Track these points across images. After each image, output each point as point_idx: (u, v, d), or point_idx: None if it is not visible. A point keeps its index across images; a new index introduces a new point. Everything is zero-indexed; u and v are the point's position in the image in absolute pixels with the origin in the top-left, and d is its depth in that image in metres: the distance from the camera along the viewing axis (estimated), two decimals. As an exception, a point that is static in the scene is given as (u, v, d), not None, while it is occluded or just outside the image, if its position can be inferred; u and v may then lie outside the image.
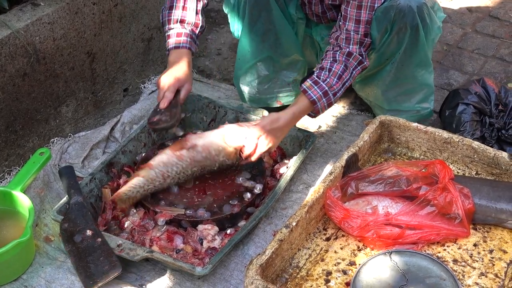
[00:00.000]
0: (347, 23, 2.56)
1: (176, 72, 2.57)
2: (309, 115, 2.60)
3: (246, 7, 2.73)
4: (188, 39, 2.64)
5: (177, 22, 2.66)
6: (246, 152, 2.47)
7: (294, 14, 2.79)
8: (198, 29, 2.70)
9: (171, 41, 2.64)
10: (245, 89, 2.98)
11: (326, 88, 2.53)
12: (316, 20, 2.86)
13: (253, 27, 2.78)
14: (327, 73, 2.54)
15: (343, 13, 2.57)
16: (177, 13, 2.66)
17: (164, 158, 2.46)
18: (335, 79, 2.53)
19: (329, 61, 2.56)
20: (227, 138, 2.46)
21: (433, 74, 2.83)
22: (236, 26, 2.88)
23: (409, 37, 2.60)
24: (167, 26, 2.67)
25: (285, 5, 2.75)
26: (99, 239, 2.29)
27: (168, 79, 2.54)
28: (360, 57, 2.58)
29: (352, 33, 2.56)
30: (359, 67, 2.59)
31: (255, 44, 2.83)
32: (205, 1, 2.74)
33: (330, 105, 2.58)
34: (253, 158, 2.48)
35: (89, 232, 2.31)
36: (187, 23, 2.67)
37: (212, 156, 2.49)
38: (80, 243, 2.30)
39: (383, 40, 2.61)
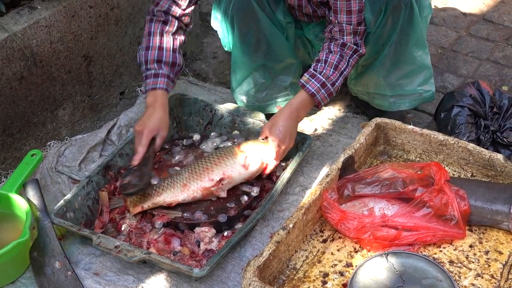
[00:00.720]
0: (338, 15, 2.58)
1: (149, 121, 2.57)
2: (315, 106, 2.65)
3: (234, 21, 2.74)
4: (165, 80, 2.65)
5: (153, 62, 2.67)
6: (269, 168, 2.57)
7: (282, 19, 2.80)
8: (176, 68, 2.71)
9: (149, 82, 2.65)
10: (244, 98, 2.98)
11: (323, 79, 2.56)
12: (307, 20, 2.87)
13: (244, 39, 2.79)
14: (323, 64, 2.58)
15: (332, 7, 2.59)
16: (153, 54, 2.67)
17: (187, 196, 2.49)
18: (332, 70, 2.57)
19: (325, 53, 2.60)
20: (249, 167, 2.52)
21: (430, 55, 2.84)
22: (226, 40, 2.89)
23: (404, 14, 2.62)
24: (144, 67, 2.68)
25: (272, 13, 2.76)
26: (69, 272, 2.29)
27: (141, 129, 2.56)
28: (355, 46, 2.61)
29: (344, 24, 2.58)
30: (355, 55, 2.62)
31: (248, 55, 2.84)
32: (182, 38, 2.76)
33: (330, 95, 2.61)
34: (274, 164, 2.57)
35: (58, 265, 2.30)
36: (164, 63, 2.67)
37: (237, 182, 2.55)
38: (50, 277, 2.29)
39: (378, 22, 2.63)
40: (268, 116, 2.87)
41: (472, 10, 3.98)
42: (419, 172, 2.45)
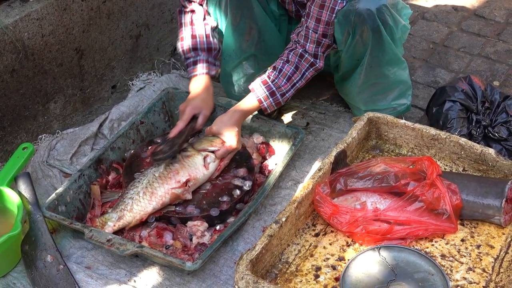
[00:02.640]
0: (309, 20, 2.59)
1: (193, 100, 2.68)
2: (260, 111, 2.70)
3: (227, 6, 2.74)
4: (204, 65, 2.75)
5: (190, 51, 2.77)
6: (221, 168, 2.60)
7: (276, 10, 2.81)
8: (213, 52, 2.81)
9: (190, 70, 2.77)
10: (232, 88, 2.98)
11: (274, 88, 2.61)
12: (295, 17, 2.87)
13: (236, 26, 2.79)
14: (277, 73, 2.61)
15: (307, 9, 2.59)
16: (187, 43, 2.77)
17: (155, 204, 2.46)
18: (284, 80, 2.61)
19: (282, 62, 2.63)
20: (209, 166, 2.55)
21: (408, 69, 2.83)
22: (219, 25, 2.89)
23: (372, 39, 2.61)
24: (183, 57, 2.81)
25: (266, 3, 2.77)
26: (61, 266, 2.28)
27: (183, 107, 2.67)
28: (313, 59, 2.62)
29: (310, 31, 2.59)
30: (311, 69, 2.64)
31: (239, 43, 2.84)
32: (214, 23, 2.83)
33: (278, 104, 2.65)
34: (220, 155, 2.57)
35: (49, 258, 2.29)
36: (200, 50, 2.77)
37: (200, 183, 2.57)
38: (42, 270, 2.28)
39: (348, 43, 2.63)
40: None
41: (463, 5, 3.99)
42: (411, 166, 2.45)
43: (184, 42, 2.78)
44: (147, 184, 2.45)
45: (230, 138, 2.55)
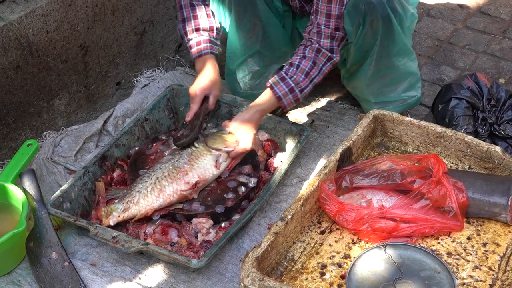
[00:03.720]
0: (318, 17, 2.57)
1: (201, 81, 2.66)
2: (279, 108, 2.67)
3: (231, 3, 2.73)
4: (208, 45, 2.73)
5: (193, 32, 2.75)
6: (231, 167, 2.58)
7: (280, 7, 2.80)
8: (215, 31, 2.78)
9: (193, 51, 2.74)
10: (237, 85, 2.98)
11: (293, 84, 2.57)
12: (299, 13, 2.86)
13: (240, 23, 2.78)
14: (294, 69, 2.58)
15: (314, 6, 2.57)
16: (190, 24, 2.75)
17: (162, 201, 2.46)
18: (302, 76, 2.58)
19: (298, 57, 2.60)
20: (220, 166, 2.54)
21: (417, 61, 2.83)
22: (223, 23, 2.88)
23: (382, 28, 2.60)
24: (185, 38, 2.77)
25: None
26: (66, 263, 2.28)
27: (193, 90, 2.66)
28: (329, 53, 2.60)
29: (322, 27, 2.57)
30: (328, 63, 2.62)
31: (244, 40, 2.83)
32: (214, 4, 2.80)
33: (297, 100, 2.63)
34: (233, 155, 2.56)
35: (54, 255, 2.29)
36: (203, 30, 2.75)
37: (208, 183, 2.55)
38: (47, 267, 2.28)
39: (358, 34, 2.61)
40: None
41: (468, 2, 3.97)
42: (417, 164, 2.44)
43: (186, 24, 2.75)
44: (156, 180, 2.44)
45: (246, 139, 2.53)
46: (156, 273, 2.31)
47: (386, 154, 2.65)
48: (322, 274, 2.22)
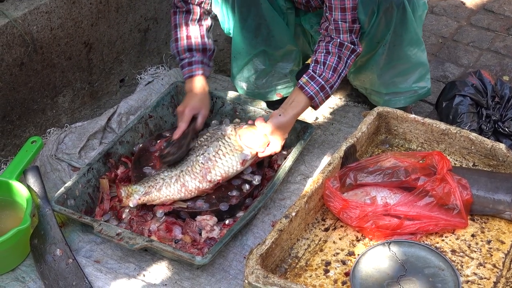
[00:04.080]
0: (333, 13, 2.55)
1: (190, 101, 2.67)
2: (311, 107, 2.63)
3: (235, 5, 2.73)
4: (199, 66, 2.73)
5: (185, 52, 2.75)
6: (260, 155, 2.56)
7: (283, 5, 2.79)
8: (208, 52, 2.79)
9: (185, 71, 2.74)
10: (244, 85, 2.97)
11: (323, 82, 2.55)
12: (303, 9, 2.86)
13: (244, 24, 2.77)
14: (322, 67, 2.55)
15: (327, 3, 2.55)
16: (182, 44, 2.75)
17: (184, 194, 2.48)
18: (331, 72, 2.55)
19: (323, 54, 2.57)
20: (245, 164, 2.53)
21: (426, 52, 2.82)
22: (226, 24, 2.88)
23: (396, 16, 2.59)
24: (178, 58, 2.77)
25: None
26: (70, 260, 2.28)
27: (182, 109, 2.65)
28: (352, 46, 2.58)
29: (340, 22, 2.55)
30: (353, 55, 2.60)
31: (248, 40, 2.83)
32: (209, 23, 2.82)
33: (327, 97, 2.60)
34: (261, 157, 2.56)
35: (58, 252, 2.29)
36: (195, 50, 2.75)
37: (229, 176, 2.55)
38: (51, 264, 2.28)
39: (371, 23, 2.60)
40: (269, 103, 2.87)
41: (472, 0, 3.97)
42: (421, 161, 2.44)
43: (179, 43, 2.76)
44: (180, 172, 2.46)
45: (276, 142, 2.52)
46: (160, 270, 2.31)
47: (390, 151, 2.65)
48: (326, 271, 2.22)
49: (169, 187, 2.43)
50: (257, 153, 2.52)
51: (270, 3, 2.73)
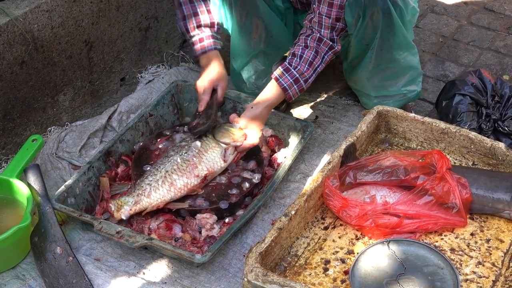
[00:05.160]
0: (321, 6, 2.56)
1: (209, 74, 2.68)
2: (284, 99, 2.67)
3: (232, 6, 2.74)
4: (211, 40, 2.73)
5: (195, 29, 2.74)
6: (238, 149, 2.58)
7: (281, 5, 2.80)
8: (216, 27, 2.78)
9: (197, 47, 2.73)
10: (244, 86, 2.98)
11: (297, 75, 2.58)
12: (301, 8, 2.86)
13: (242, 25, 2.78)
14: (298, 60, 2.58)
15: None
16: (191, 21, 2.73)
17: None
18: (306, 66, 2.58)
19: (301, 47, 2.60)
20: (228, 159, 2.56)
21: (418, 55, 2.82)
22: (225, 25, 2.89)
23: (382, 21, 2.60)
24: (187, 35, 2.76)
25: None
26: (70, 258, 2.29)
27: (202, 82, 2.68)
28: (331, 42, 2.60)
29: (324, 17, 2.57)
30: (330, 52, 2.62)
31: (247, 41, 2.84)
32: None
33: (301, 91, 2.63)
34: (240, 150, 2.58)
35: (59, 250, 2.29)
36: (204, 26, 2.74)
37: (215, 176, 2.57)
38: (51, 262, 2.28)
39: (358, 26, 2.61)
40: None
41: (473, -1, 3.98)
42: (420, 160, 2.45)
43: (187, 21, 2.75)
44: (166, 173, 2.45)
45: (253, 134, 2.55)
46: (160, 268, 2.32)
47: (390, 150, 2.65)
48: (326, 269, 2.23)
49: (158, 190, 2.42)
50: (235, 147, 2.54)
51: (267, 4, 2.74)
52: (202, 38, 2.72)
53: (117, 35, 3.07)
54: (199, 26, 2.73)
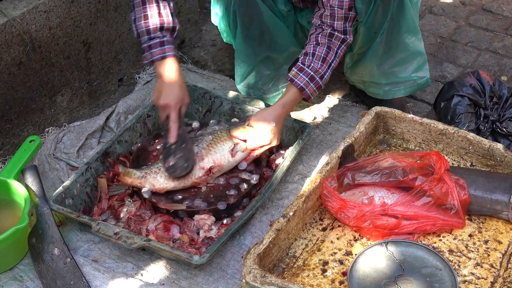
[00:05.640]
0: None
1: (172, 91, 2.50)
2: (304, 99, 2.63)
3: (236, 16, 2.73)
4: (171, 46, 2.52)
5: (156, 30, 2.49)
6: (250, 160, 2.58)
7: (283, 9, 2.79)
8: (175, 32, 2.57)
9: (155, 52, 2.49)
10: (251, 92, 2.97)
11: (312, 73, 2.55)
12: (302, 6, 2.86)
13: (247, 33, 2.78)
14: (311, 58, 2.56)
15: None
16: (154, 22, 2.49)
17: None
18: (320, 63, 2.56)
19: (312, 45, 2.58)
20: (236, 155, 2.54)
21: (422, 41, 2.83)
22: (227, 34, 2.88)
23: (393, 2, 2.60)
24: (146, 37, 2.50)
25: (273, 4, 2.75)
26: (68, 259, 2.28)
27: (166, 103, 2.49)
28: (343, 36, 2.59)
29: (336, 8, 2.55)
30: (343, 46, 2.61)
31: (252, 48, 2.83)
32: (172, 2, 2.60)
33: (319, 88, 2.60)
34: (258, 152, 2.57)
35: (56, 251, 2.29)
36: (166, 30, 2.51)
37: (225, 171, 2.57)
38: (49, 263, 2.28)
39: (369, 11, 2.61)
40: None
41: (471, 0, 3.97)
42: (419, 161, 2.44)
43: (150, 21, 2.47)
44: None
45: (264, 133, 2.52)
46: (158, 269, 2.31)
47: (388, 151, 2.65)
48: (324, 271, 2.23)
49: (163, 176, 2.46)
50: (247, 148, 2.52)
51: (271, 9, 2.74)
52: (163, 42, 2.49)
53: (115, 35, 3.06)
54: (161, 29, 2.50)
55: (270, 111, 2.56)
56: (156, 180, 2.45)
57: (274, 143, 2.57)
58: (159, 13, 2.50)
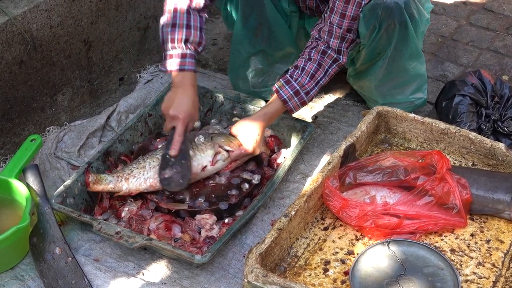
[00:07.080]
0: (332, 15, 2.54)
1: (185, 105, 2.46)
2: (286, 112, 2.62)
3: (238, 3, 2.72)
4: (193, 61, 2.50)
5: (181, 41, 2.49)
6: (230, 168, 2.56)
7: (287, 8, 2.79)
8: (200, 47, 2.57)
9: (174, 62, 2.49)
10: (240, 83, 2.98)
11: (298, 87, 2.55)
12: (309, 13, 2.86)
13: (246, 22, 2.77)
14: (299, 72, 2.55)
15: (330, 5, 2.55)
16: (180, 32, 2.49)
17: None
18: (308, 78, 2.55)
19: (304, 59, 2.57)
20: (216, 164, 2.52)
21: (425, 63, 2.84)
22: (229, 21, 2.88)
23: (398, 33, 2.60)
24: (169, 45, 2.50)
25: (277, 0, 2.75)
26: (69, 258, 2.28)
27: (175, 115, 2.45)
28: (336, 55, 2.58)
29: (335, 26, 2.55)
30: (334, 65, 2.60)
31: (248, 38, 2.83)
32: (206, 16, 2.63)
33: (303, 104, 2.60)
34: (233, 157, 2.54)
35: (58, 250, 2.29)
36: (191, 43, 2.51)
37: (200, 178, 2.54)
38: (50, 262, 2.27)
39: (372, 37, 2.60)
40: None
41: (472, -1, 3.98)
42: (420, 160, 2.44)
43: (177, 30, 2.49)
44: (148, 165, 2.46)
45: (247, 142, 2.50)
46: (159, 268, 2.31)
47: (390, 151, 2.65)
48: (326, 270, 2.22)
49: (135, 178, 2.43)
50: (228, 153, 2.51)
51: (274, 5, 2.73)
52: (185, 54, 2.49)
53: (116, 34, 3.06)
54: (186, 41, 2.50)
55: (252, 121, 2.54)
56: (129, 182, 2.43)
57: (257, 152, 2.55)
58: (188, 25, 2.50)
